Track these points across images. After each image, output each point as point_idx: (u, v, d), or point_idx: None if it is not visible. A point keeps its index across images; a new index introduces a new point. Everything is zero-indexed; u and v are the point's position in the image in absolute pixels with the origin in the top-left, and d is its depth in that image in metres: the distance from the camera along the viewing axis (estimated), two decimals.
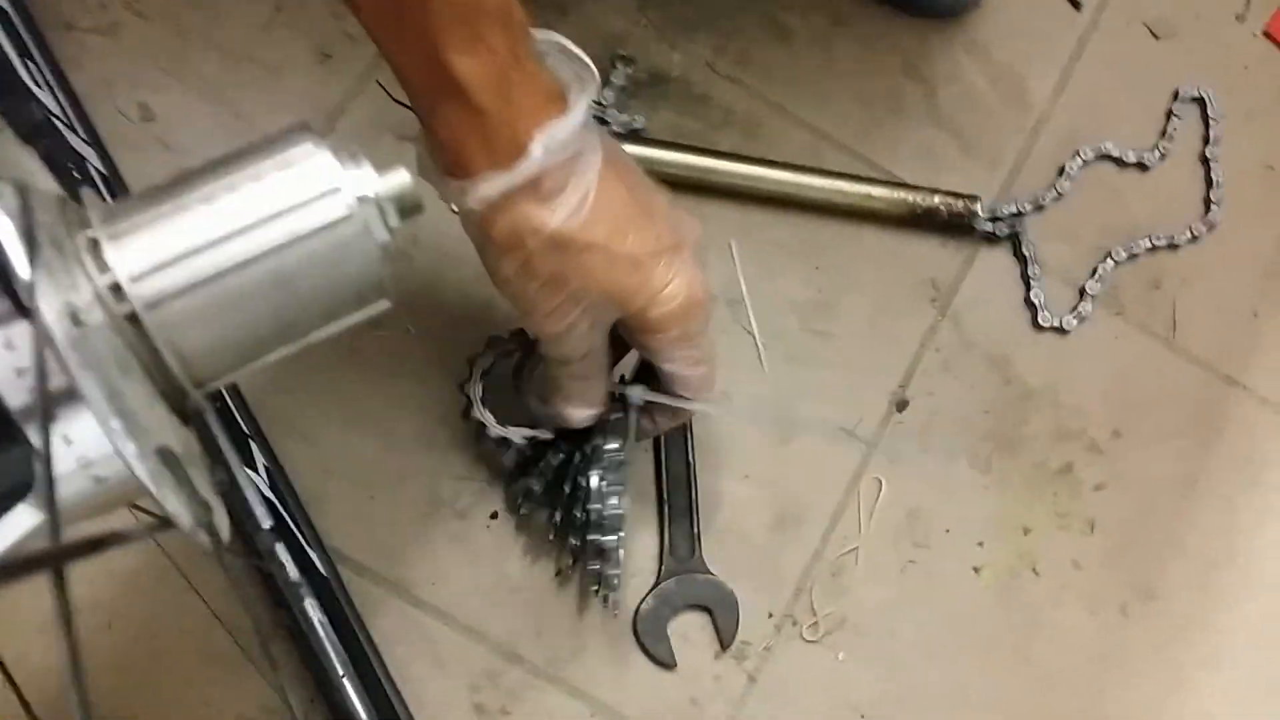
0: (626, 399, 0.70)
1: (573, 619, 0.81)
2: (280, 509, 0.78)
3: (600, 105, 0.90)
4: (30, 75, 0.80)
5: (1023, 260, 0.91)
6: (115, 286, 0.44)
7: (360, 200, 0.47)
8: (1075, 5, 0.98)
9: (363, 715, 0.74)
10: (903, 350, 0.89)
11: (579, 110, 0.55)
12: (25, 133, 0.74)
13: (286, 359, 0.46)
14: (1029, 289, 0.90)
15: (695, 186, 0.88)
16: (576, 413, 0.69)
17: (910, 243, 0.91)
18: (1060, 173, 0.93)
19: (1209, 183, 0.95)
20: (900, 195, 0.90)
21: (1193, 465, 0.89)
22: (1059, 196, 0.93)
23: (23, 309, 0.40)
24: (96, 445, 0.41)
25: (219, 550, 0.44)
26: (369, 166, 0.47)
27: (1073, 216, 0.93)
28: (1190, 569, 0.88)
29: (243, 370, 0.46)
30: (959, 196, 0.90)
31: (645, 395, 0.69)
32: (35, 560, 0.32)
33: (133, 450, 0.41)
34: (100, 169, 0.82)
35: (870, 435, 0.87)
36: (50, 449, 0.35)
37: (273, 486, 0.79)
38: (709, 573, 0.82)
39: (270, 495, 0.78)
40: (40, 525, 0.40)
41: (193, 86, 0.88)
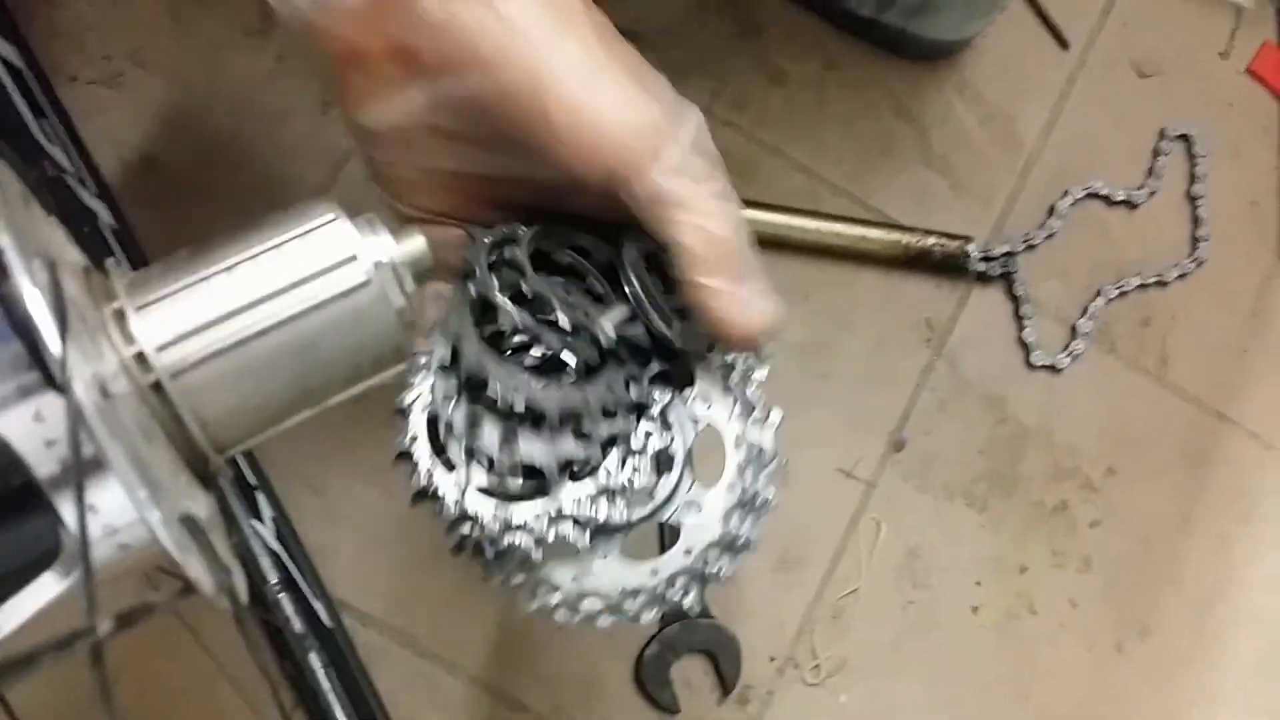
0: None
1: (577, 666, 0.81)
2: (286, 560, 0.78)
3: None
4: (43, 132, 0.81)
5: (1015, 299, 0.93)
6: (140, 356, 0.45)
7: (377, 267, 0.48)
8: (1063, 44, 1.01)
9: None
10: (899, 391, 0.90)
11: None
12: (39, 190, 0.75)
13: (305, 422, 0.47)
14: (1022, 328, 0.92)
15: None
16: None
17: (905, 284, 0.93)
18: (1051, 212, 0.95)
19: (1196, 220, 0.97)
20: (895, 237, 0.91)
21: (1186, 501, 0.91)
22: (1050, 235, 0.95)
23: (52, 381, 0.41)
24: (121, 513, 0.41)
25: (238, 612, 0.45)
26: (385, 233, 0.48)
27: (1064, 255, 0.95)
28: (1186, 605, 0.89)
29: (264, 435, 0.47)
30: (952, 237, 0.92)
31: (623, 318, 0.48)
32: (74, 638, 0.32)
33: (158, 518, 0.41)
34: (111, 223, 0.83)
35: (869, 476, 0.88)
36: (87, 538, 0.36)
37: (279, 537, 0.79)
38: (711, 617, 0.82)
39: (276, 546, 0.78)
40: (64, 593, 0.41)
41: (197, 137, 0.89)
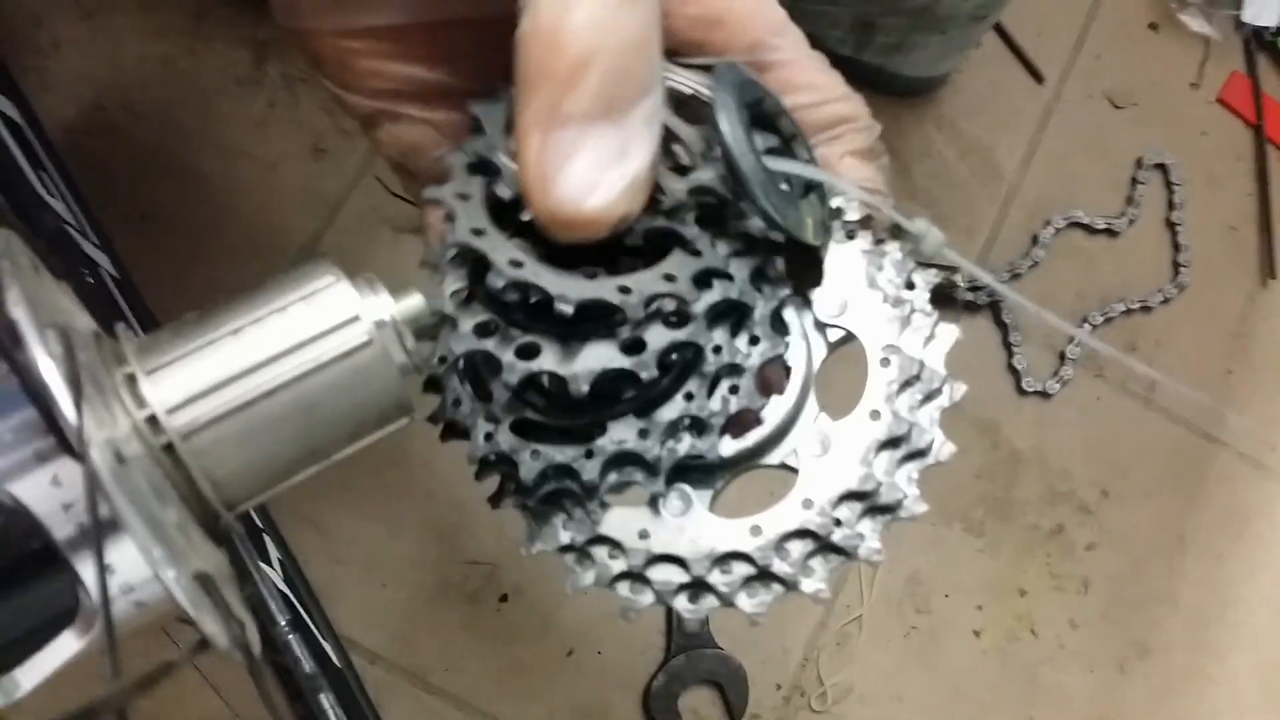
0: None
1: (585, 699, 0.82)
2: (294, 601, 0.79)
3: None
4: (43, 185, 0.82)
5: (1003, 327, 0.94)
6: (152, 419, 0.46)
7: (378, 326, 0.49)
8: (1037, 78, 1.03)
9: None
10: None
11: None
12: (41, 243, 0.77)
13: (312, 478, 0.49)
14: (1011, 355, 0.94)
15: None
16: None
17: None
18: (1034, 241, 0.97)
19: (1176, 246, 0.99)
20: None
21: (1180, 521, 0.92)
22: (1034, 264, 0.96)
23: (68, 446, 0.42)
24: (137, 571, 0.43)
25: (251, 664, 0.46)
26: (385, 293, 0.49)
27: (1049, 283, 0.97)
28: (1183, 624, 0.90)
29: (272, 491, 0.48)
30: (940, 269, 0.94)
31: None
32: (101, 705, 0.33)
33: (173, 576, 0.43)
34: (113, 272, 0.84)
35: None
36: (109, 606, 0.37)
37: (286, 579, 0.80)
38: (717, 647, 0.83)
39: (284, 588, 0.79)
40: (84, 650, 0.42)
41: (191, 184, 0.90)
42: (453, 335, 0.41)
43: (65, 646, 0.43)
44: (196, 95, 0.91)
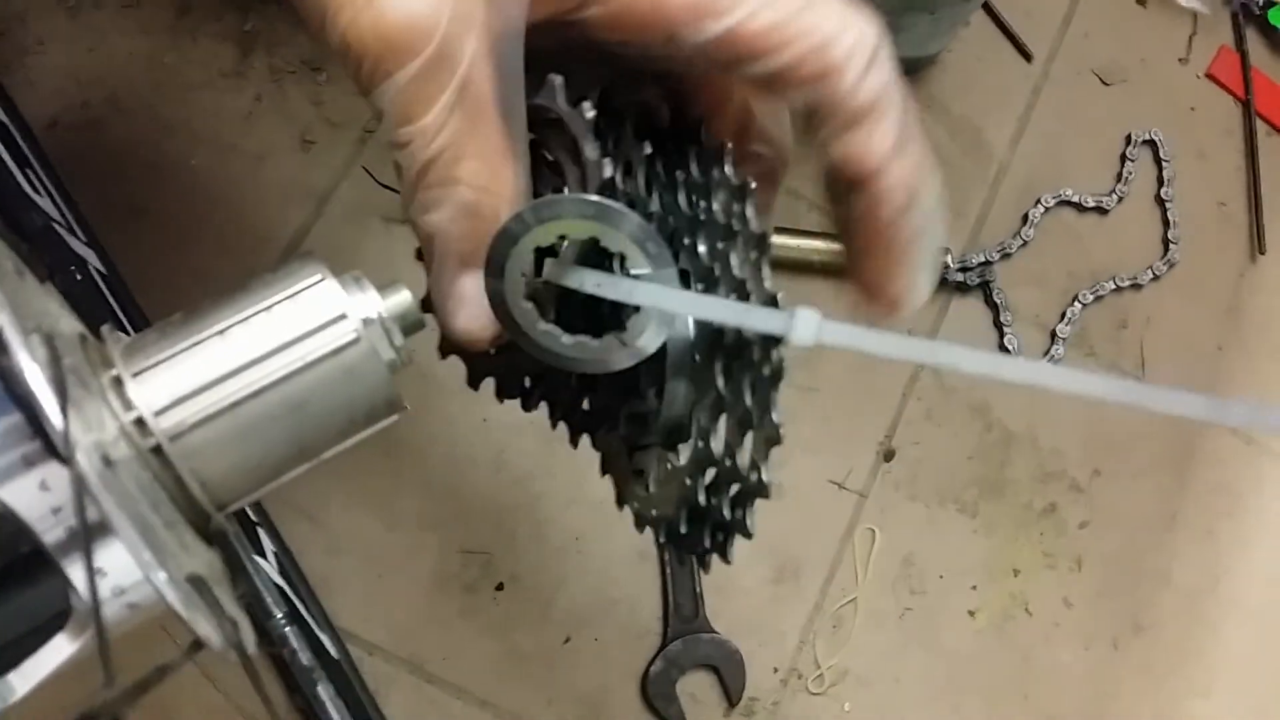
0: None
1: (584, 685, 0.83)
2: (290, 594, 0.80)
3: None
4: (29, 182, 0.82)
5: (994, 307, 0.95)
6: (139, 421, 0.46)
7: (365, 323, 0.49)
8: (1026, 56, 1.03)
9: None
10: (886, 401, 0.92)
11: None
12: (24, 245, 0.77)
13: (302, 476, 0.49)
14: (1002, 335, 0.94)
15: None
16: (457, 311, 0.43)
17: None
18: (1024, 220, 0.97)
19: (1166, 223, 0.99)
20: None
21: (1172, 499, 0.92)
22: (1024, 244, 0.96)
23: (55, 450, 0.42)
24: (128, 574, 0.43)
25: (245, 663, 0.46)
26: (372, 290, 0.49)
27: (1039, 262, 0.97)
28: (1176, 600, 0.91)
29: (262, 490, 0.48)
30: None
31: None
32: (96, 711, 0.34)
33: (164, 579, 0.43)
34: (100, 269, 0.84)
35: (861, 486, 0.90)
36: (101, 611, 0.37)
37: (282, 572, 0.80)
38: (714, 631, 0.84)
39: (280, 581, 0.80)
40: (76, 654, 0.42)
41: (179, 180, 0.90)
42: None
43: (59, 650, 0.43)
44: (182, 90, 0.90)
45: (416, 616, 0.83)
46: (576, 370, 0.41)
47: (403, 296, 0.50)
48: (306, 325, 0.47)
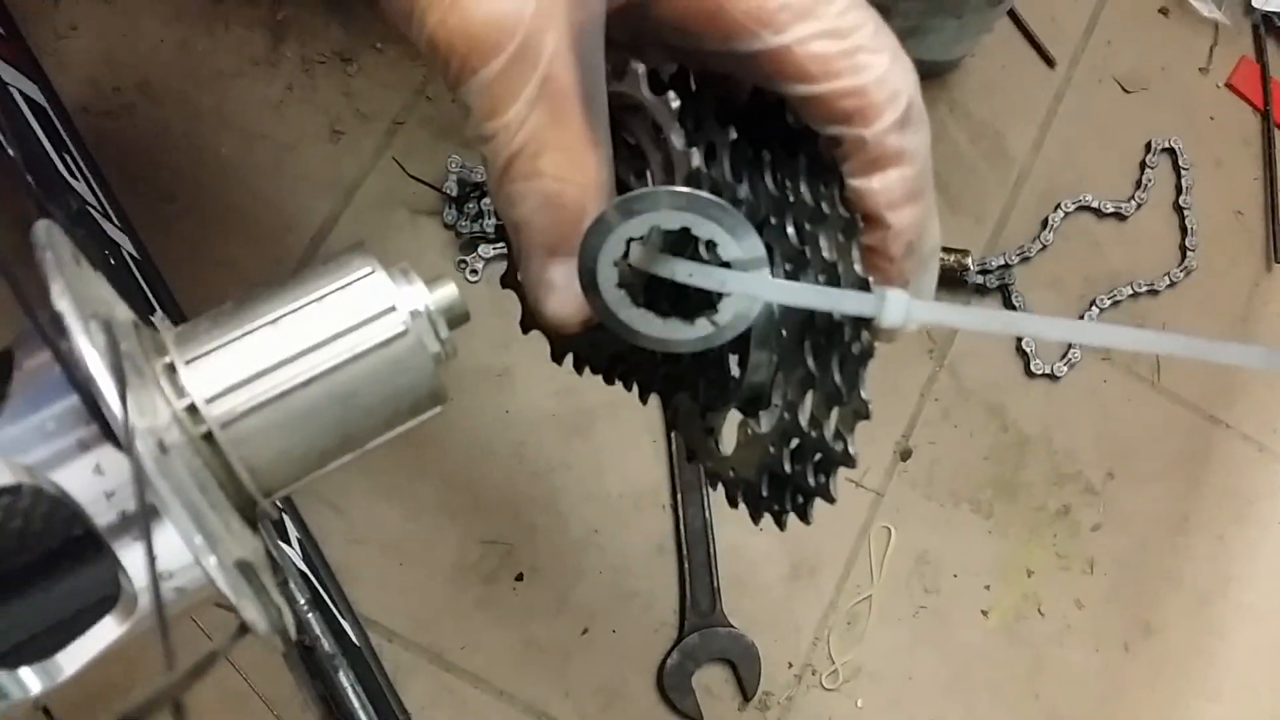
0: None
1: (601, 677, 0.84)
2: (313, 580, 0.81)
3: None
4: (65, 167, 0.83)
5: (1012, 310, 0.95)
6: (192, 408, 0.47)
7: (413, 315, 0.50)
8: (1049, 63, 1.03)
9: None
10: (904, 401, 0.93)
11: None
12: (64, 223, 0.78)
13: (346, 465, 0.50)
14: (1020, 337, 0.95)
15: None
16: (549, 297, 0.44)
17: None
18: (1044, 225, 0.98)
19: (1184, 230, 0.99)
20: None
21: (1184, 502, 0.93)
22: (1043, 248, 0.97)
23: (110, 434, 0.43)
24: (178, 558, 0.44)
25: (288, 649, 0.47)
26: (420, 283, 0.50)
27: (1057, 266, 0.98)
28: (1187, 603, 0.92)
29: (308, 478, 0.49)
30: (950, 251, 0.95)
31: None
32: (159, 699, 0.35)
33: (214, 563, 0.44)
34: (133, 253, 0.84)
35: (877, 485, 0.91)
36: (160, 594, 0.38)
37: (305, 559, 0.81)
38: (730, 626, 0.85)
39: (303, 567, 0.81)
40: (124, 635, 0.43)
41: (209, 167, 0.91)
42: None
43: (106, 631, 0.44)
44: (213, 77, 0.91)
45: (436, 606, 0.84)
46: (667, 350, 0.41)
47: (449, 290, 0.51)
48: (357, 317, 0.48)
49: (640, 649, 0.84)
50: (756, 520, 0.46)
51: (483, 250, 0.88)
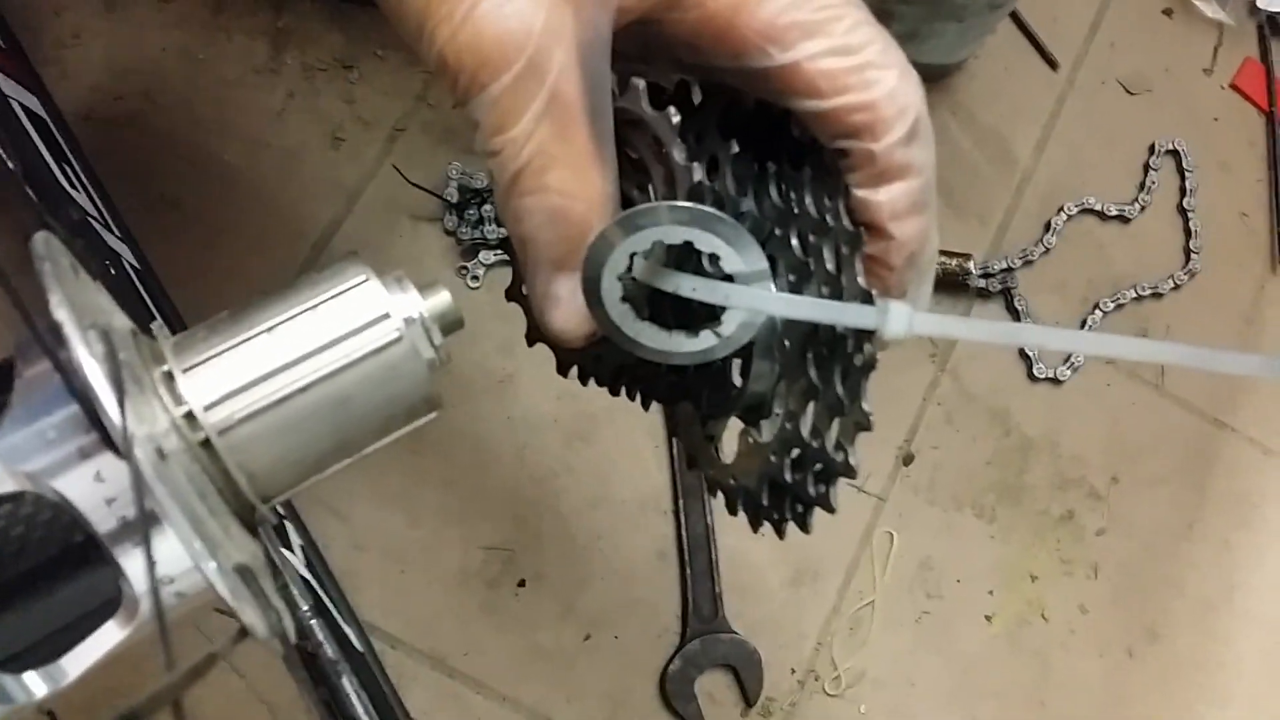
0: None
1: (603, 683, 0.84)
2: (315, 586, 0.81)
3: None
4: (65, 177, 0.83)
5: (1015, 313, 0.95)
6: (189, 415, 0.47)
7: (407, 322, 0.50)
8: (1052, 65, 1.03)
9: None
10: (906, 405, 0.93)
11: None
12: (63, 235, 0.78)
13: (342, 470, 0.50)
14: None
15: None
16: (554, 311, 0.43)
17: None
18: (1047, 228, 0.98)
19: (1188, 232, 0.99)
20: None
21: (1188, 507, 0.93)
22: (1046, 251, 0.97)
23: (110, 442, 0.43)
24: (177, 563, 0.44)
25: (288, 652, 0.47)
26: (413, 290, 0.50)
27: (1060, 269, 0.97)
28: (1191, 609, 0.91)
29: (305, 483, 0.49)
30: (953, 255, 0.94)
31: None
32: (159, 698, 0.35)
33: (213, 568, 0.44)
34: (134, 264, 0.85)
35: (880, 490, 0.90)
36: (160, 599, 0.38)
37: (308, 565, 0.82)
38: (732, 631, 0.84)
39: (306, 574, 0.81)
40: (125, 640, 0.43)
41: (211, 175, 0.91)
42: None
43: (109, 636, 0.44)
44: (216, 85, 0.92)
45: (439, 611, 0.84)
46: (671, 362, 0.41)
47: (442, 297, 0.51)
48: (351, 324, 0.48)
49: (643, 655, 0.84)
50: (756, 528, 0.46)
51: (483, 256, 0.88)
